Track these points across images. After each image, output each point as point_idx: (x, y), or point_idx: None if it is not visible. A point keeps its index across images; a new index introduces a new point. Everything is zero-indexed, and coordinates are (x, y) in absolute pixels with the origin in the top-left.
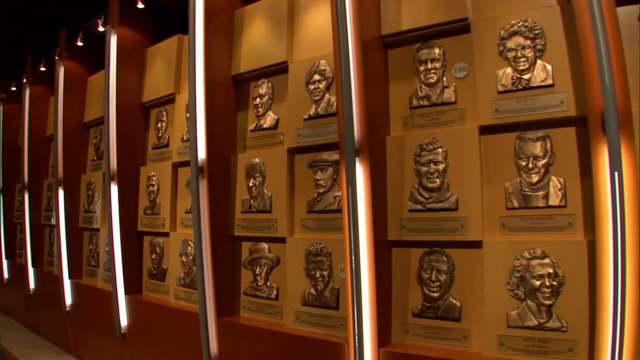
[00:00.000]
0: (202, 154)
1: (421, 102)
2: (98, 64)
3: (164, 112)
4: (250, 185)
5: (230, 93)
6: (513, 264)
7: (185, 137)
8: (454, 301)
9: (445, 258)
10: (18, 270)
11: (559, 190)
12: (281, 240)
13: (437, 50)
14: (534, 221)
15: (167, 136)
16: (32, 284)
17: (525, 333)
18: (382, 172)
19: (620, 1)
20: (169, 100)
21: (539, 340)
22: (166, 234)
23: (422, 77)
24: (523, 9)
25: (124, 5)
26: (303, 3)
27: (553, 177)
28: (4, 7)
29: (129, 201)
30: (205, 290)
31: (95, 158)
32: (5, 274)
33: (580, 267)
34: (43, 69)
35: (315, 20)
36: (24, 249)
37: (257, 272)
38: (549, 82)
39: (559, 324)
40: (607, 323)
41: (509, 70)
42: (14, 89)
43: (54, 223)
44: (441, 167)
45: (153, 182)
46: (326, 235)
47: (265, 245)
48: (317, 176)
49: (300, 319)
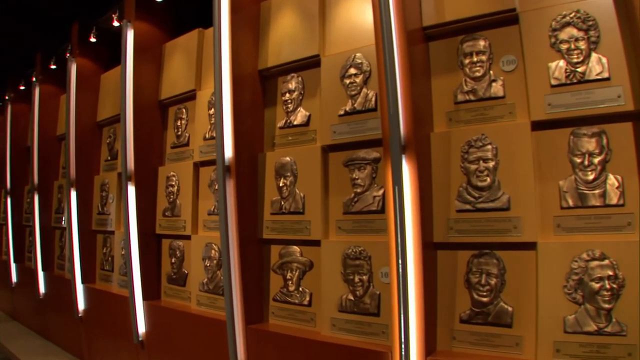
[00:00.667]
0: (229, 152)
1: (467, 97)
2: (111, 61)
3: (184, 110)
4: (281, 185)
5: (257, 89)
6: (570, 266)
7: (208, 135)
8: (505, 306)
9: (495, 261)
10: (27, 274)
11: (617, 188)
12: (315, 243)
13: (482, 43)
14: (590, 221)
15: (187, 134)
16: (42, 288)
17: (584, 339)
18: (428, 171)
19: None
20: (189, 97)
21: (597, 345)
22: (187, 237)
23: (467, 71)
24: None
25: None
26: None
27: (610, 175)
28: (11, 3)
29: (147, 203)
30: (232, 296)
31: (109, 158)
32: (14, 278)
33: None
34: (53, 66)
35: (348, 11)
36: (34, 252)
37: (288, 277)
38: (605, 75)
39: (618, 328)
40: None
41: (562, 63)
42: (22, 88)
43: (64, 225)
44: (491, 164)
45: (173, 183)
46: (364, 238)
47: (296, 249)
48: (353, 175)
49: (337, 326)
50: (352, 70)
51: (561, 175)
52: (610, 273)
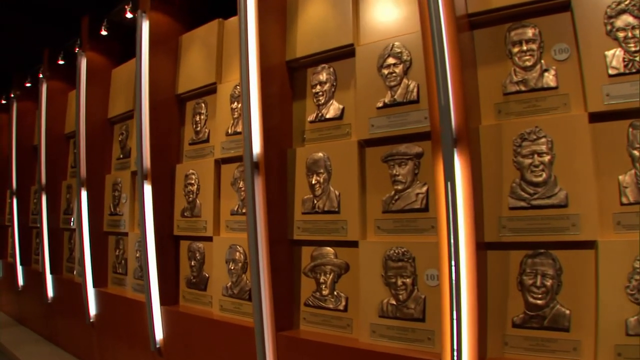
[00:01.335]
0: (257, 148)
1: (517, 88)
2: (123, 56)
3: (203, 104)
4: (314, 182)
5: (285, 81)
6: (633, 265)
7: (230, 131)
8: (562, 309)
9: (551, 261)
10: (34, 277)
11: None
12: (351, 244)
13: (531, 31)
14: None
15: (206, 130)
16: (50, 292)
17: None
18: (478, 166)
19: None
20: (209, 90)
21: None
22: (208, 239)
23: (517, 60)
24: None
25: None
26: None
27: None
28: None
29: (164, 202)
30: (262, 302)
31: (121, 156)
32: (21, 281)
33: None
34: (61, 62)
35: None
36: (41, 254)
37: (322, 281)
38: None
39: None
40: None
41: (619, 51)
42: (28, 85)
43: (74, 227)
44: (546, 158)
45: (192, 181)
46: (407, 238)
47: (330, 250)
48: (394, 171)
49: (377, 332)
50: (391, 60)
51: (620, 170)
52: None
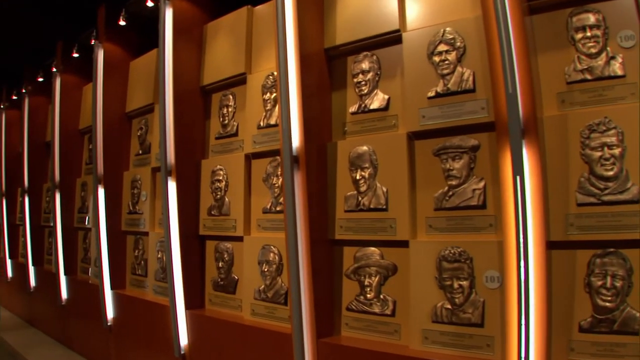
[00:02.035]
0: (296, 141)
1: (582, 76)
2: (141, 47)
3: (231, 96)
4: (358, 177)
5: (324, 70)
6: None
7: (263, 124)
8: (633, 311)
9: (622, 261)
10: (47, 278)
11: None
12: (400, 244)
13: (594, 16)
14: None
15: (235, 123)
16: (64, 294)
17: None
18: (543, 159)
19: None
20: (237, 81)
21: None
22: (238, 239)
23: (581, 47)
24: None
25: None
26: None
27: None
28: None
29: (189, 200)
30: (301, 306)
31: (140, 152)
32: (32, 282)
33: None
34: (76, 55)
35: None
36: (54, 255)
37: (367, 283)
38: None
39: None
40: None
41: None
42: (41, 79)
43: (89, 226)
44: (617, 151)
45: (220, 177)
46: (463, 237)
47: (375, 250)
48: (447, 166)
49: (429, 339)
50: (443, 47)
51: None
52: None
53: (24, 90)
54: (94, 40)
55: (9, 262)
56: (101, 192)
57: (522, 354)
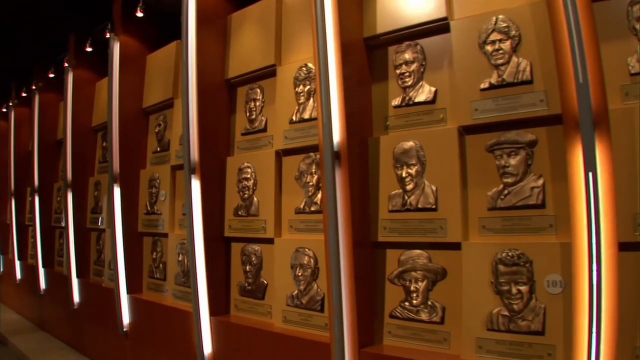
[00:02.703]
0: (337, 135)
1: None
2: (158, 40)
3: (258, 90)
4: (404, 175)
5: (364, 60)
6: None
7: (295, 118)
8: None
9: None
10: (58, 280)
11: None
12: (451, 246)
13: None
14: None
15: (263, 118)
16: (76, 297)
17: None
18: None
19: None
20: (265, 74)
21: None
22: (268, 241)
23: None
24: None
25: None
26: None
27: None
28: None
29: (214, 200)
30: (343, 313)
31: (158, 149)
32: (42, 285)
33: None
34: (89, 49)
35: None
36: (66, 256)
37: (413, 289)
38: None
39: None
40: None
41: None
42: (52, 75)
43: (103, 227)
44: None
45: (247, 176)
46: (520, 238)
47: (422, 253)
48: (502, 162)
49: (484, 348)
50: (496, 36)
51: None
52: None
53: (34, 87)
54: (109, 33)
55: (17, 263)
56: (117, 191)
57: None
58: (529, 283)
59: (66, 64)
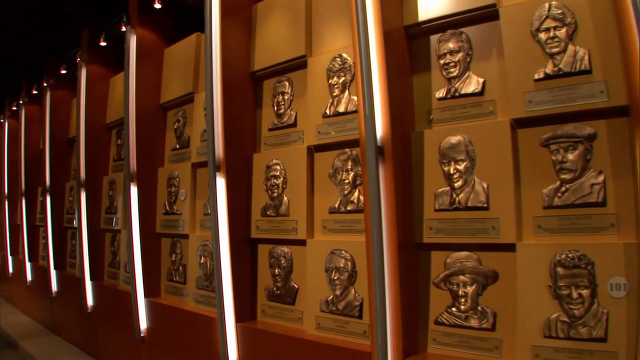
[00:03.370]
0: (380, 129)
1: None
2: (176, 33)
3: (287, 82)
4: (452, 172)
5: (404, 50)
6: None
7: (329, 112)
8: None
9: None
10: (70, 282)
11: None
12: (504, 247)
13: None
14: None
15: (292, 113)
16: (90, 300)
17: None
18: None
19: None
20: (295, 65)
21: None
22: (300, 242)
23: None
24: None
25: None
26: None
27: None
28: None
29: (240, 199)
30: (386, 321)
31: (177, 146)
32: (54, 287)
33: None
34: (103, 43)
35: None
36: (79, 258)
37: (461, 293)
38: None
39: None
40: None
41: None
42: (64, 72)
43: (118, 227)
44: None
45: (276, 173)
46: (579, 239)
47: (471, 255)
48: (559, 157)
49: (541, 356)
50: (551, 23)
51: None
52: None
53: (45, 84)
54: (125, 26)
55: (28, 264)
56: (134, 190)
57: None
58: (590, 286)
59: (79, 60)
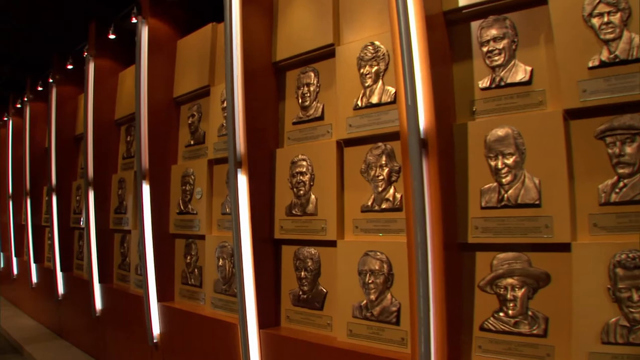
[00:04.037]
0: (423, 121)
1: None
2: (190, 24)
3: (312, 73)
4: (500, 166)
5: (444, 37)
6: None
7: (361, 103)
8: None
9: None
10: (78, 285)
11: None
12: (557, 247)
13: None
14: None
15: (319, 105)
16: (98, 304)
17: None
18: None
19: None
20: (321, 55)
21: None
22: (329, 243)
23: None
24: None
25: None
26: None
27: None
28: None
29: (262, 197)
30: (430, 328)
31: (192, 142)
32: (61, 289)
33: None
34: (112, 36)
35: None
36: (87, 260)
37: (510, 297)
38: None
39: None
40: None
41: None
42: (70, 67)
43: (127, 228)
44: None
45: (303, 169)
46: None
47: (521, 256)
48: (615, 150)
49: None
50: (604, 7)
51: None
52: None
53: (51, 80)
54: (135, 17)
55: (33, 266)
56: (145, 189)
57: None
58: None
59: (86, 54)
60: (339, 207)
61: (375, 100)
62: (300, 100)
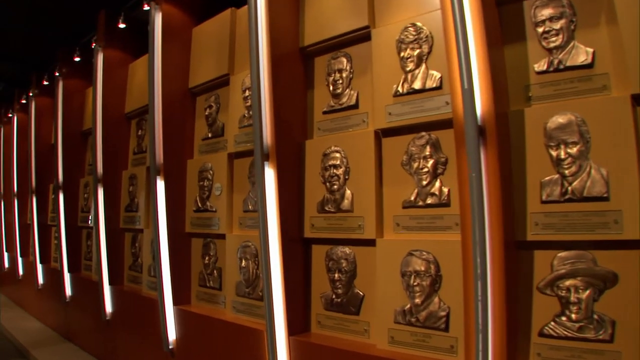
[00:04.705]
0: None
1: None
2: (207, 10)
3: (344, 59)
4: (563, 156)
5: (495, 17)
6: None
7: (402, 89)
8: None
9: None
10: (86, 286)
11: None
12: (626, 244)
13: None
14: None
15: (352, 93)
16: (108, 306)
17: None
18: None
19: None
20: (354, 38)
21: None
22: (367, 242)
23: None
24: None
25: None
26: None
27: None
28: None
29: (291, 193)
30: (488, 335)
31: (209, 135)
32: (68, 291)
33: None
34: (122, 25)
35: None
36: (96, 261)
37: (573, 300)
38: None
39: None
40: None
41: None
42: (77, 59)
43: (139, 227)
44: None
45: (336, 162)
46: None
47: (585, 254)
48: None
49: None
50: None
51: None
52: None
53: (57, 74)
54: (148, 4)
55: (39, 267)
56: (160, 185)
57: None
58: None
59: (94, 45)
60: (377, 202)
61: (418, 85)
62: (331, 88)
